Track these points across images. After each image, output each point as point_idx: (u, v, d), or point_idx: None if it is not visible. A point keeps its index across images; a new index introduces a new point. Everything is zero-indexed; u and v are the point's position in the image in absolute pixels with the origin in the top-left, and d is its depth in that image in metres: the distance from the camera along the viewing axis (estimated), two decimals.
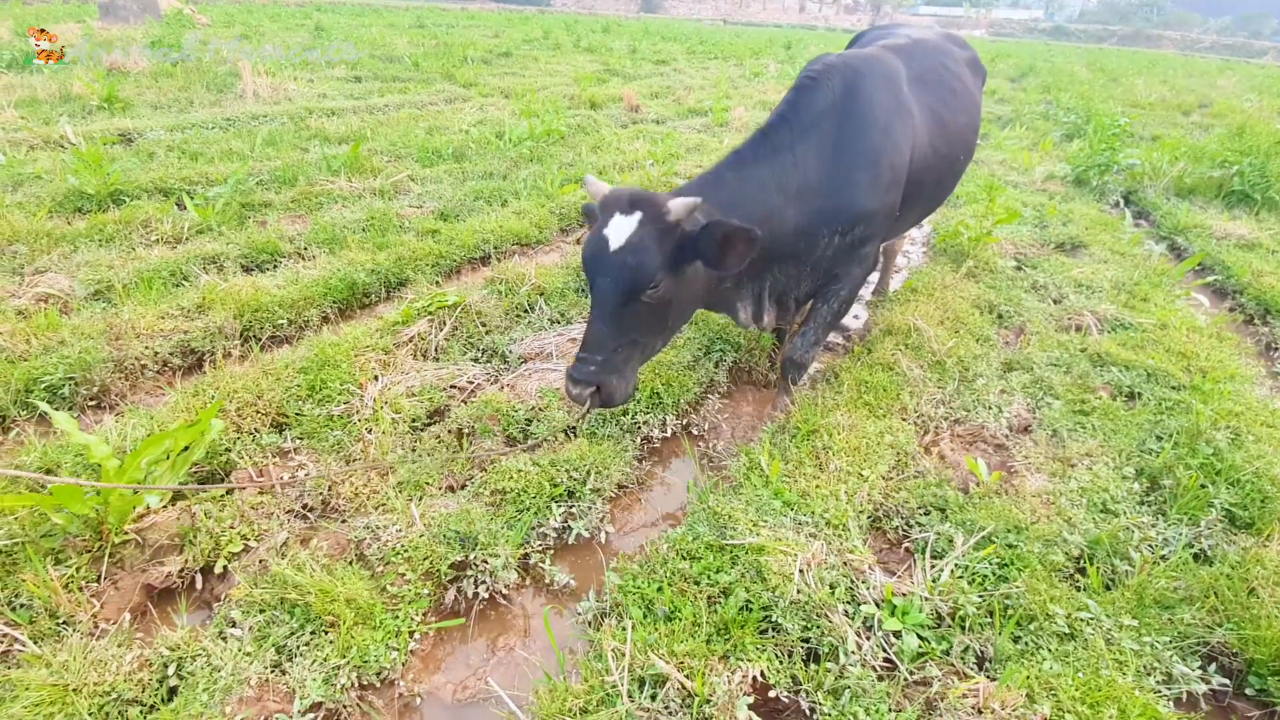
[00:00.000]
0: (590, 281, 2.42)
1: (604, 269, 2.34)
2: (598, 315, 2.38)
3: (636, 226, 2.31)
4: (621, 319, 2.39)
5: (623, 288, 2.33)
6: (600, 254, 2.34)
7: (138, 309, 3.85)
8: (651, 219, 2.33)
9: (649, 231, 2.32)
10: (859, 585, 2.33)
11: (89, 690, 1.90)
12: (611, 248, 2.31)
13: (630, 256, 2.30)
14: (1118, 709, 1.93)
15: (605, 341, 2.38)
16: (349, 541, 2.48)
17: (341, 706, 1.99)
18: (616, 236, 2.31)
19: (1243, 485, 2.86)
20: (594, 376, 2.37)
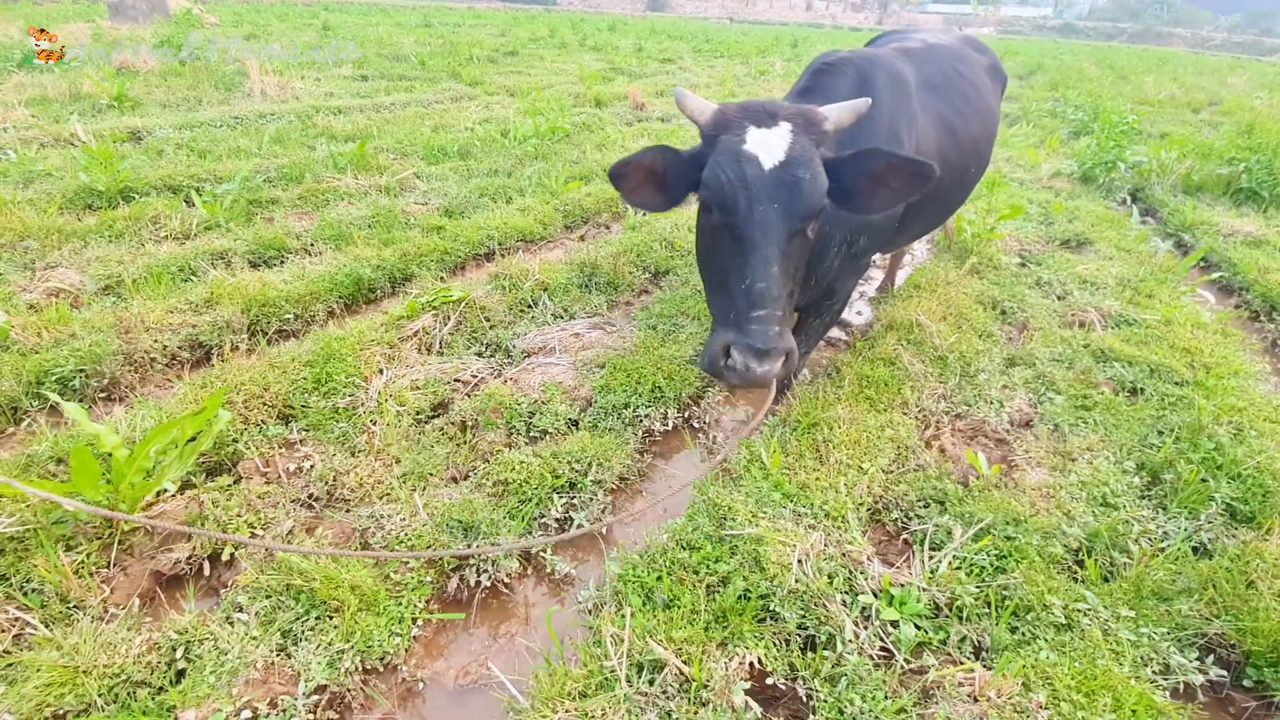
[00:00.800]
0: (739, 214, 1.88)
1: (764, 193, 1.85)
2: (762, 257, 1.84)
3: (792, 137, 1.91)
4: (787, 259, 1.91)
5: (793, 213, 1.87)
6: (752, 175, 1.86)
7: (147, 303, 3.91)
8: (805, 128, 1.94)
9: (807, 143, 1.92)
10: (857, 575, 2.35)
11: (99, 672, 1.94)
12: (767, 165, 1.86)
13: (799, 170, 1.86)
14: (1113, 698, 1.94)
15: (780, 290, 1.88)
16: (353, 530, 2.52)
17: (345, 690, 2.03)
18: (770, 150, 1.87)
19: (1244, 480, 2.86)
20: (781, 342, 1.87)
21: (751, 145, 1.89)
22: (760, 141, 1.89)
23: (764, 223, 1.86)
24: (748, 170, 1.87)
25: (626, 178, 2.04)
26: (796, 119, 1.94)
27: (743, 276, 1.88)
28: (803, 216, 1.91)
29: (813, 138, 1.95)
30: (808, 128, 1.94)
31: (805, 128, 1.94)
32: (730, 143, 1.92)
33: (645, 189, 2.10)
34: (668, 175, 2.09)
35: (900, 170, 1.94)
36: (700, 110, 2.02)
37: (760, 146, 1.89)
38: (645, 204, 2.15)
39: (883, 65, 2.91)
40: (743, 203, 1.87)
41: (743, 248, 1.89)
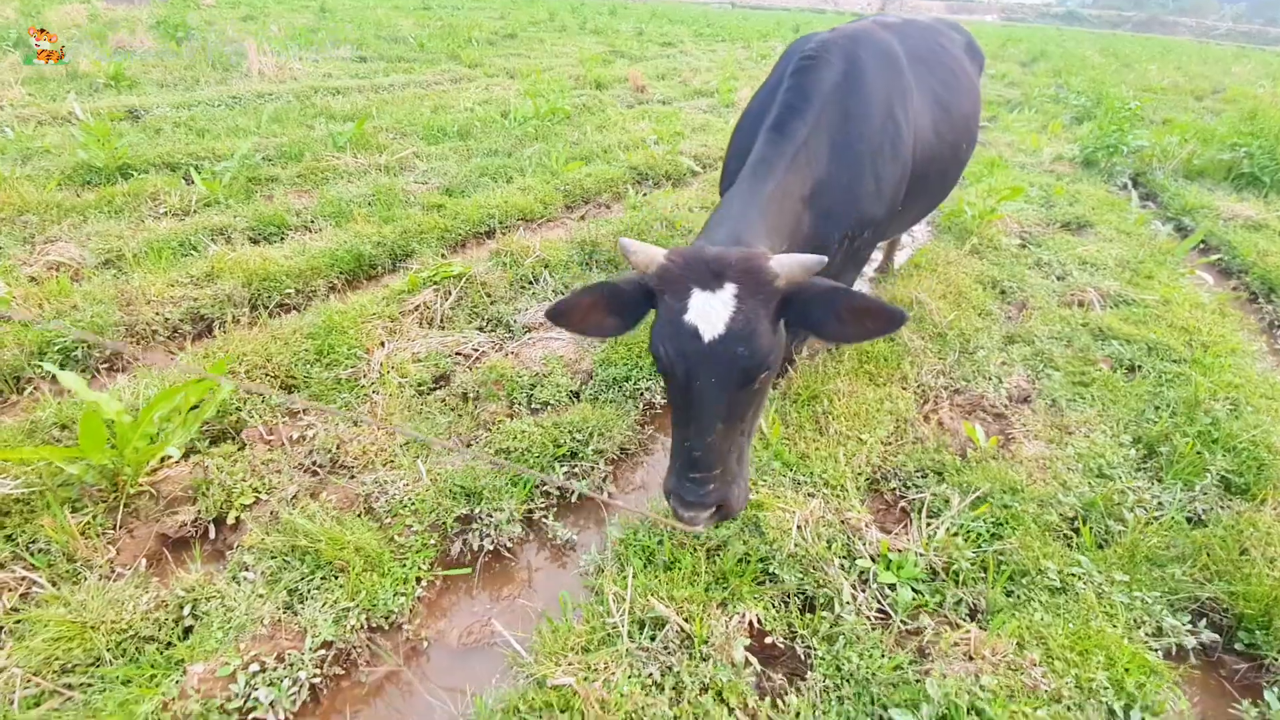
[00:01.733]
0: (679, 382, 1.81)
1: (702, 366, 1.76)
2: (703, 423, 1.81)
3: (736, 304, 1.74)
4: (732, 417, 1.86)
5: (734, 386, 1.79)
6: (690, 349, 1.74)
7: (148, 277, 3.91)
8: (753, 289, 1.76)
9: (754, 307, 1.75)
10: (855, 541, 2.38)
11: (107, 627, 1.97)
12: (707, 338, 1.73)
13: (740, 347, 1.73)
14: (1106, 657, 1.98)
15: (719, 451, 1.85)
16: (357, 495, 2.54)
17: (351, 646, 2.06)
18: (711, 322, 1.73)
19: (1239, 453, 2.89)
20: (716, 496, 1.87)
21: (693, 315, 1.75)
22: (702, 311, 1.75)
23: (702, 395, 1.79)
24: (687, 345, 1.75)
25: (567, 317, 1.89)
26: (744, 279, 1.76)
27: (684, 435, 1.86)
28: (741, 386, 1.81)
29: (760, 298, 1.77)
30: (756, 289, 1.77)
31: (753, 289, 1.76)
32: (671, 310, 1.78)
33: (593, 320, 1.93)
34: (615, 305, 1.92)
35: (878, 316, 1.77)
36: (646, 262, 1.85)
37: (701, 317, 1.74)
38: (597, 333, 1.98)
39: (868, 43, 2.79)
40: (681, 374, 1.79)
41: (684, 414, 1.86)
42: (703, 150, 7.53)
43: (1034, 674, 1.90)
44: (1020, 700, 1.83)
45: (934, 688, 1.84)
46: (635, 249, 1.87)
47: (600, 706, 1.71)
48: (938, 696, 1.82)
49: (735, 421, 1.88)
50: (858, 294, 1.80)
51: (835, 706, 1.87)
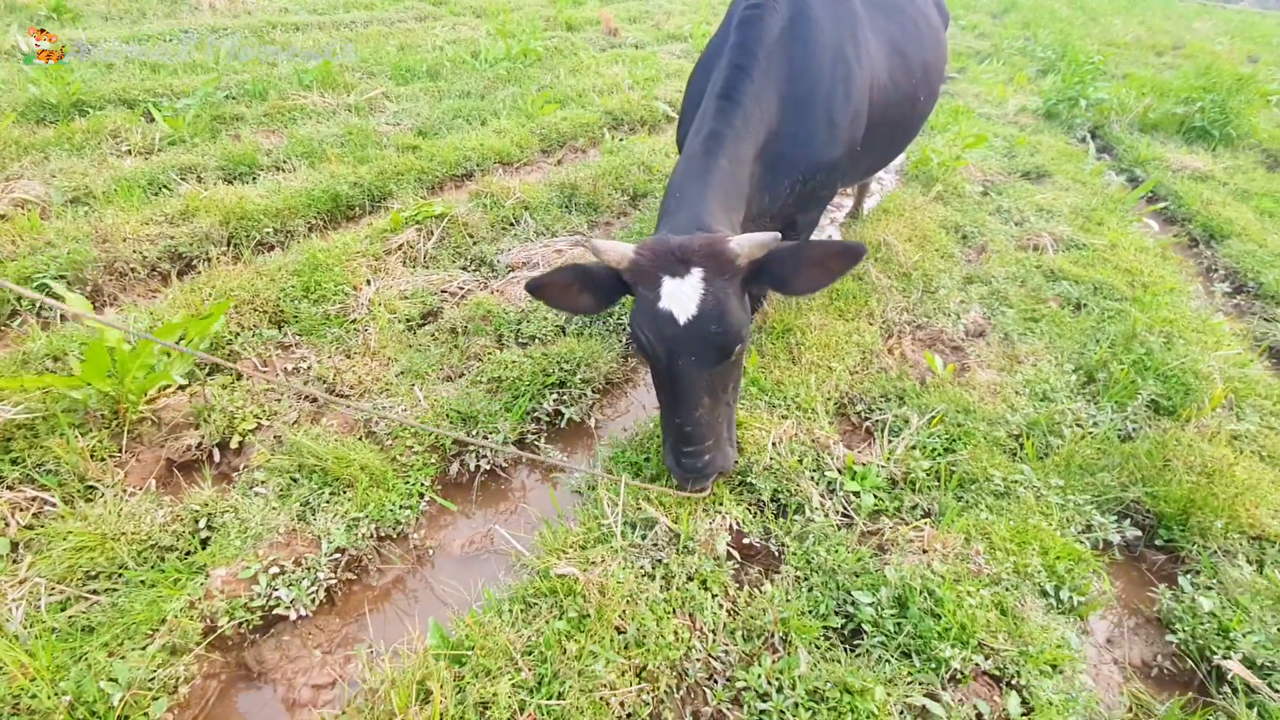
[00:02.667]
0: (662, 364, 1.99)
1: (681, 347, 1.93)
2: (689, 401, 2.00)
3: (704, 287, 1.90)
4: (715, 391, 2.05)
5: (712, 361, 1.97)
6: (669, 332, 1.92)
7: (120, 215, 3.85)
8: (718, 270, 1.92)
9: (721, 287, 1.92)
10: (824, 456, 2.60)
11: (126, 539, 2.09)
12: (682, 320, 1.90)
13: (713, 325, 1.90)
14: (1041, 548, 2.25)
15: (710, 424, 2.06)
16: (356, 421, 2.66)
17: (362, 553, 2.22)
18: (683, 305, 1.89)
19: (1169, 379, 3.18)
20: (713, 465, 2.12)
21: (666, 301, 1.90)
22: (673, 296, 1.90)
23: (685, 374, 1.96)
24: (664, 330, 1.91)
25: (545, 291, 2.04)
26: (708, 262, 1.91)
27: (674, 414, 2.06)
28: (719, 362, 1.98)
29: (726, 277, 1.93)
30: (720, 269, 1.92)
31: (718, 269, 1.92)
32: (646, 300, 1.94)
33: (569, 296, 2.07)
34: (591, 285, 2.06)
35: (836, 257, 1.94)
36: (618, 259, 1.97)
37: (674, 301, 1.90)
38: (574, 309, 2.12)
39: None
40: (663, 356, 1.96)
41: (670, 393, 2.04)
42: (677, 95, 7.49)
43: (978, 562, 2.16)
44: (966, 583, 2.08)
45: (892, 573, 2.08)
46: (605, 249, 1.98)
47: (600, 591, 1.91)
48: (895, 580, 2.06)
49: (719, 394, 2.08)
50: (814, 244, 1.96)
51: (805, 593, 2.10)
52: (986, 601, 2.03)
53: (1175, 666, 2.12)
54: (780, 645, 1.94)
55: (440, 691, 1.60)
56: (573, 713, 1.65)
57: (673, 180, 2.35)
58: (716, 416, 2.09)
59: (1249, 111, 7.53)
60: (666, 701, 1.81)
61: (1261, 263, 4.56)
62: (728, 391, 2.14)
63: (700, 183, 2.27)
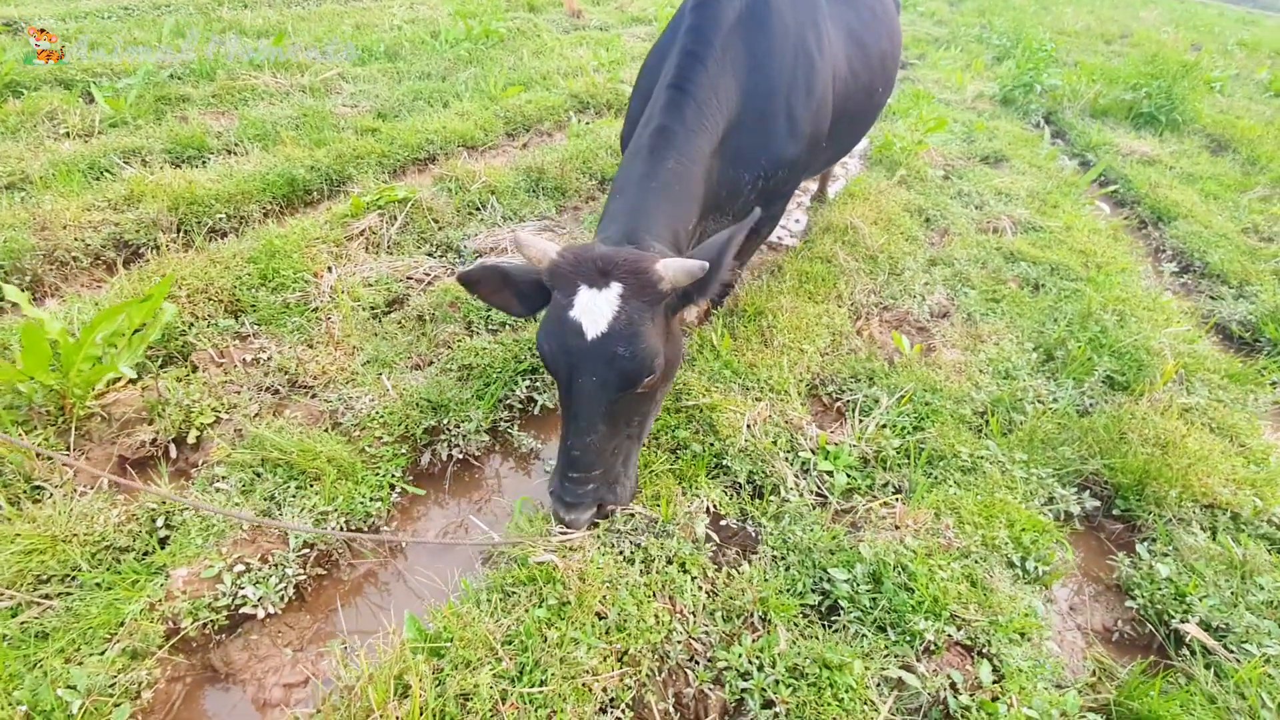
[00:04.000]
0: (561, 380, 1.85)
1: (583, 364, 1.77)
2: (582, 424, 1.83)
3: (620, 304, 1.75)
4: (615, 419, 1.87)
5: (615, 386, 1.79)
6: (573, 345, 1.76)
7: (59, 201, 3.65)
8: (637, 291, 1.77)
9: (638, 309, 1.76)
10: (797, 437, 2.63)
11: (79, 540, 1.99)
12: (589, 335, 1.74)
13: (621, 346, 1.74)
14: (1007, 520, 2.31)
15: (599, 452, 1.88)
16: (322, 412, 2.58)
17: (332, 548, 2.15)
18: (595, 319, 1.74)
19: (1123, 355, 3.30)
20: (594, 495, 1.94)
21: (577, 311, 1.75)
22: (587, 307, 1.74)
23: (584, 394, 1.79)
24: (570, 341, 1.76)
25: (477, 287, 1.92)
26: (630, 280, 1.76)
27: (566, 435, 1.88)
28: (624, 389, 1.81)
29: (646, 300, 1.77)
30: (641, 290, 1.76)
31: (638, 290, 1.76)
32: (558, 306, 1.80)
33: (499, 297, 1.96)
34: (517, 289, 1.93)
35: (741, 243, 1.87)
36: (539, 257, 1.84)
37: (586, 313, 1.74)
38: (503, 309, 2.00)
39: None
40: (564, 371, 1.81)
41: (566, 412, 1.88)
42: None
43: (948, 535, 2.21)
44: (937, 557, 2.13)
45: (866, 549, 2.12)
46: (528, 244, 1.85)
47: (579, 578, 1.89)
48: (869, 556, 2.10)
49: (619, 424, 1.90)
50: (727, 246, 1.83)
51: (783, 572, 2.12)
52: (957, 574, 2.08)
53: (1135, 631, 2.21)
54: (760, 624, 1.96)
55: (419, 685, 1.57)
56: (555, 700, 1.64)
57: (615, 182, 2.19)
58: (612, 446, 1.92)
59: (1193, 97, 7.81)
60: (649, 685, 1.81)
61: (1206, 243, 4.75)
62: (631, 424, 1.97)
63: (641, 187, 2.08)
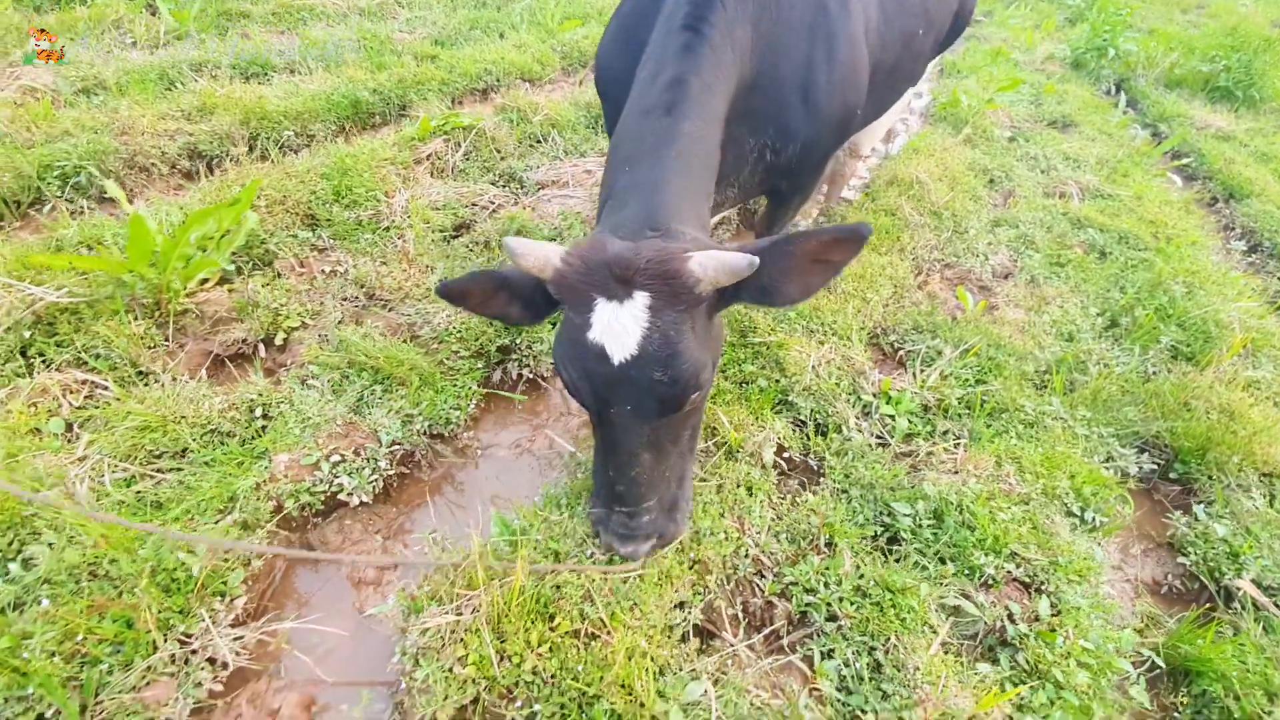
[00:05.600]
0: (589, 408, 1.55)
1: (614, 394, 1.45)
2: (623, 458, 1.54)
3: (650, 318, 1.39)
4: (660, 445, 1.57)
5: (654, 414, 1.49)
6: (598, 372, 1.42)
7: (135, 108, 3.71)
8: (670, 299, 1.40)
9: (674, 321, 1.41)
10: (860, 381, 2.66)
11: (187, 422, 2.11)
12: (616, 360, 1.40)
13: (658, 370, 1.40)
14: (1068, 473, 2.35)
15: (648, 483, 1.58)
16: (400, 324, 2.66)
17: (416, 448, 2.26)
18: (619, 342, 1.39)
19: (1189, 327, 3.26)
20: (651, 527, 1.62)
21: (598, 333, 1.40)
22: (608, 327, 1.39)
23: (620, 425, 1.49)
24: (593, 367, 1.42)
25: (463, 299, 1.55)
26: (659, 285, 1.39)
27: (605, 464, 1.59)
28: (666, 415, 1.49)
29: (681, 307, 1.41)
30: (674, 297, 1.40)
31: (671, 297, 1.40)
32: (573, 326, 1.44)
33: (495, 305, 1.57)
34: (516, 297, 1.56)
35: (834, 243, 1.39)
36: (538, 266, 1.44)
37: (608, 334, 1.39)
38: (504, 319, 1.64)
39: None
40: (592, 403, 1.50)
41: (603, 441, 1.58)
42: None
43: (1010, 482, 2.26)
44: (998, 500, 2.18)
45: (930, 488, 2.17)
46: (523, 251, 1.44)
47: None
48: (933, 494, 2.15)
49: (666, 449, 1.59)
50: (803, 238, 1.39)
51: (844, 504, 2.19)
52: (1018, 517, 2.13)
53: (1184, 586, 2.26)
54: (825, 548, 2.04)
55: (523, 563, 1.68)
56: (638, 593, 1.74)
57: (616, 149, 1.78)
58: (661, 474, 1.61)
59: (1273, 74, 7.44)
60: (718, 592, 1.91)
61: (1278, 224, 4.61)
62: (680, 442, 1.65)
63: (657, 157, 1.65)
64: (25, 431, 2.04)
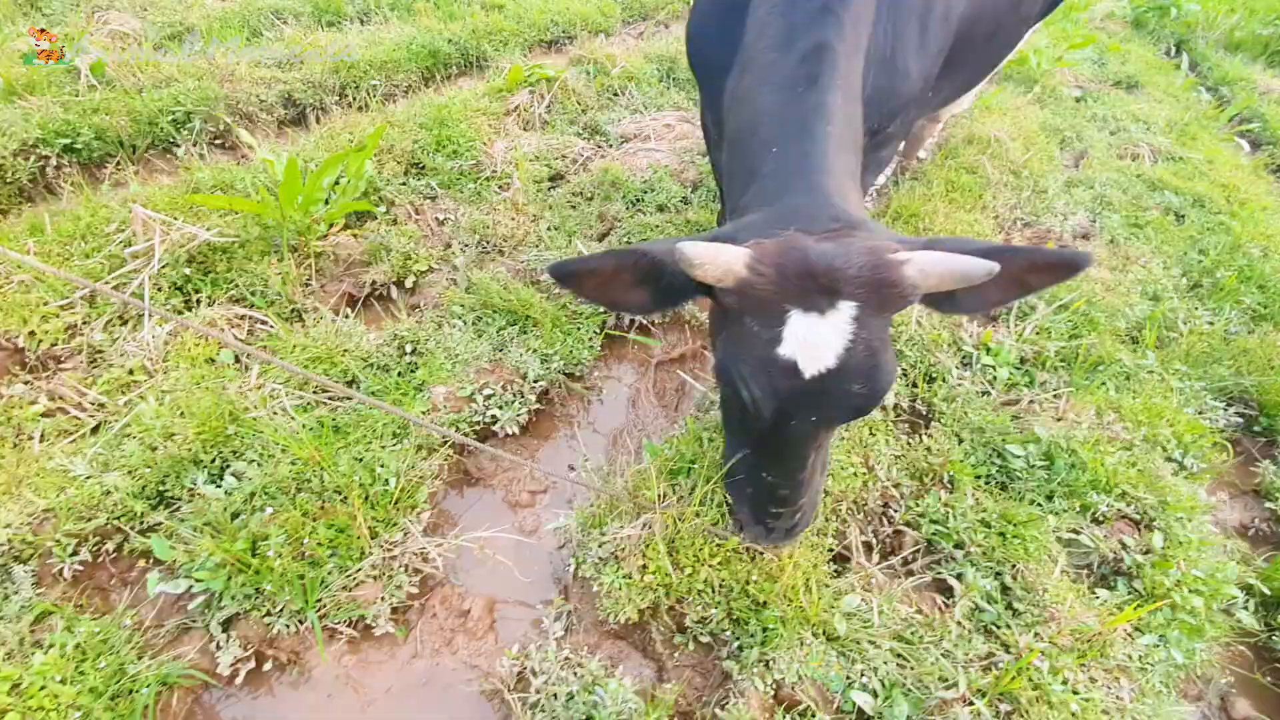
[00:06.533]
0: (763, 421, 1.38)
1: (802, 407, 1.32)
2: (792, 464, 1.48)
3: (854, 330, 1.24)
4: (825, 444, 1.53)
5: (841, 421, 1.47)
6: (789, 386, 1.28)
7: (228, 54, 3.77)
8: (880, 305, 1.25)
9: (878, 330, 1.27)
10: (959, 333, 2.77)
11: (350, 354, 2.25)
12: (810, 374, 1.26)
13: (857, 384, 1.28)
14: (1167, 421, 2.47)
15: (807, 483, 1.53)
16: (520, 269, 2.78)
17: (552, 385, 2.40)
18: (817, 355, 1.25)
19: (1267, 289, 3.34)
20: (802, 524, 1.61)
21: (790, 348, 1.24)
22: (804, 341, 1.24)
23: (798, 434, 1.40)
24: (779, 383, 1.28)
25: (577, 281, 1.36)
26: (868, 292, 1.23)
27: (767, 472, 1.52)
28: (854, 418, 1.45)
29: (887, 315, 1.28)
30: (883, 304, 1.25)
31: (880, 305, 1.25)
32: (754, 339, 1.28)
33: (614, 289, 1.39)
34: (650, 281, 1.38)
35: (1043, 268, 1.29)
36: (719, 274, 1.25)
37: (804, 349, 1.24)
38: (617, 305, 1.57)
39: None
40: (769, 415, 1.34)
41: (770, 451, 1.48)
42: None
43: (1114, 429, 2.39)
44: (1103, 445, 2.31)
45: (1041, 430, 2.31)
46: (704, 258, 1.23)
47: None
48: (1045, 437, 2.29)
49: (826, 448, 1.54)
50: (1016, 252, 1.28)
51: (957, 445, 2.33)
52: (1124, 460, 2.26)
53: (1270, 529, 2.41)
54: (947, 485, 2.18)
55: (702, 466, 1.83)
56: None
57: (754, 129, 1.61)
58: (817, 468, 1.55)
59: None
60: (850, 521, 2.06)
61: None
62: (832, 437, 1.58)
63: (810, 134, 1.49)
64: (202, 361, 2.19)
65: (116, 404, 2.07)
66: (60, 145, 3.00)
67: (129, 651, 1.56)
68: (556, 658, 1.66)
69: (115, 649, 1.55)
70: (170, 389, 2.06)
